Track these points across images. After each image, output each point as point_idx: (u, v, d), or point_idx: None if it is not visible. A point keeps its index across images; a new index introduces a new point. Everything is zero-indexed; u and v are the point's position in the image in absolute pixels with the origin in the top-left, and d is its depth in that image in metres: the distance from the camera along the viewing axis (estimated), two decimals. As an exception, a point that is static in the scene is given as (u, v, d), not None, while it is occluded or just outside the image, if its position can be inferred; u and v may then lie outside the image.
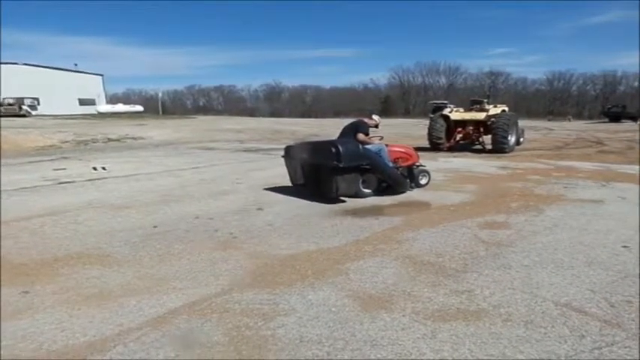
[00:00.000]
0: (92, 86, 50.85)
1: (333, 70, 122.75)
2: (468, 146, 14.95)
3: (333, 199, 6.45)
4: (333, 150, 6.22)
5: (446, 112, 15.06)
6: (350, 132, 7.28)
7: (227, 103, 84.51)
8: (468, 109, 15.15)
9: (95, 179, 9.00)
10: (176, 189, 7.84)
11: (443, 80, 76.46)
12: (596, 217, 5.44)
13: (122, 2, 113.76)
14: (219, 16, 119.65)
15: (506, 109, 15.07)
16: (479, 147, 14.67)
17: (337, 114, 61.63)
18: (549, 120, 46.43)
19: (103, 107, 45.71)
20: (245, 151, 16.01)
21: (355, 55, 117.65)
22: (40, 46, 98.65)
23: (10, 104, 36.82)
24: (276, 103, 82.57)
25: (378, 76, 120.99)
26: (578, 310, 2.92)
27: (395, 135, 23.05)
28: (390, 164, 7.09)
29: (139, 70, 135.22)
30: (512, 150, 13.94)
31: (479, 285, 3.36)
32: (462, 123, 14.66)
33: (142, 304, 3.09)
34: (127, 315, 2.94)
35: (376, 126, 7.68)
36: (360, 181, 6.68)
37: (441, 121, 14.69)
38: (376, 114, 8.16)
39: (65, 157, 13.79)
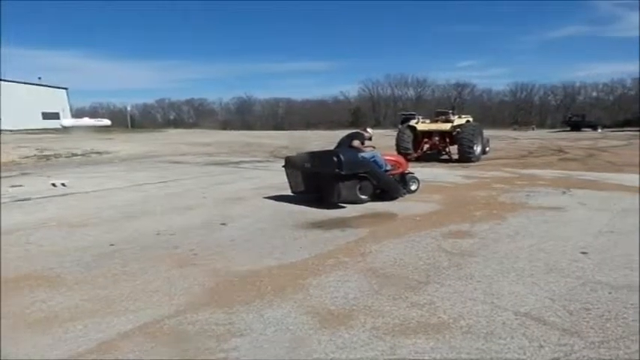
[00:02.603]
0: (56, 100, 49.31)
1: (304, 83, 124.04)
2: (435, 156, 15.17)
3: (333, 205, 6.77)
4: (335, 159, 6.62)
5: (412, 123, 15.26)
6: (347, 141, 7.76)
7: (198, 116, 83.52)
8: (433, 120, 15.41)
9: (54, 196, 8.64)
10: (139, 204, 7.60)
11: (411, 92, 77.93)
12: (557, 224, 5.53)
13: (89, 15, 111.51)
14: (189, 30, 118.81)
15: (471, 119, 15.40)
16: (446, 157, 14.89)
17: (308, 126, 61.83)
18: (514, 129, 47.79)
19: (68, 121, 44.31)
20: (214, 164, 15.76)
21: (326, 69, 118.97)
22: (3, 58, 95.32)
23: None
24: (248, 116, 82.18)
25: (348, 88, 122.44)
26: (537, 320, 2.91)
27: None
28: (388, 167, 7.61)
29: (107, 83, 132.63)
30: (478, 159, 14.20)
31: (440, 297, 3.33)
32: (429, 134, 14.89)
33: (88, 329, 2.91)
34: (72, 341, 2.76)
35: (370, 138, 8.25)
36: (358, 187, 6.97)
37: (408, 132, 14.88)
38: (370, 127, 9.03)
39: (25, 174, 13.25)
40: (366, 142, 7.96)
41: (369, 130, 8.38)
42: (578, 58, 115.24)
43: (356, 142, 7.55)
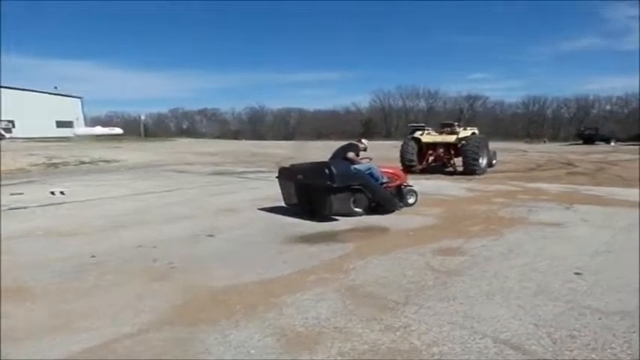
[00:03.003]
0: (71, 109, 50.14)
1: (316, 93, 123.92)
2: (439, 168, 14.92)
3: (326, 218, 6.61)
4: (327, 171, 6.45)
5: (417, 134, 15.05)
6: (341, 153, 7.60)
7: (210, 126, 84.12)
8: (439, 132, 15.19)
9: (51, 204, 8.62)
10: (133, 214, 7.52)
11: (423, 104, 77.52)
12: (555, 242, 5.29)
13: (105, 25, 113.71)
14: (203, 40, 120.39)
15: (477, 131, 15.15)
16: (451, 169, 14.64)
17: (319, 137, 61.85)
18: (526, 142, 47.15)
19: (81, 130, 44.97)
20: (218, 174, 15.72)
21: (338, 79, 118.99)
22: (22, 68, 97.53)
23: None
24: (260, 126, 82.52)
25: (360, 99, 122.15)
26: (517, 349, 2.70)
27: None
28: (384, 179, 7.43)
29: (123, 93, 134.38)
30: (483, 172, 13.92)
31: (417, 319, 3.13)
32: (433, 145, 14.67)
33: (41, 347, 2.79)
34: (21, 361, 2.63)
35: (365, 149, 8.12)
36: (352, 200, 6.82)
37: (413, 144, 14.68)
38: (365, 139, 8.76)
39: (30, 181, 13.34)
40: (362, 154, 7.78)
41: (363, 141, 8.23)
42: (592, 71, 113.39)
43: (350, 154, 7.36)
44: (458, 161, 14.32)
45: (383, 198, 7.15)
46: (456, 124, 15.17)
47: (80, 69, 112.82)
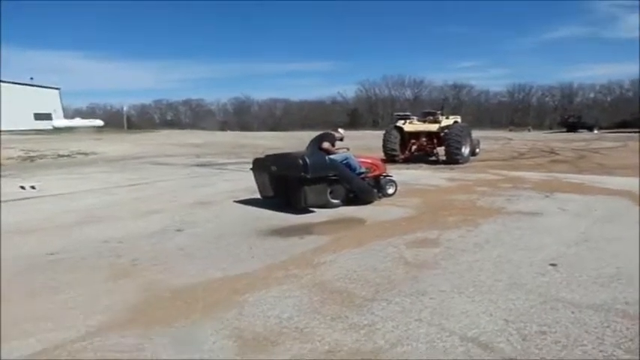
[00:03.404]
0: (49, 100, 48.88)
1: (302, 83, 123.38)
2: (423, 157, 14.82)
3: (303, 210, 6.42)
4: (301, 162, 6.23)
5: (400, 123, 14.90)
6: (316, 143, 7.33)
7: (195, 117, 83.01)
8: (422, 121, 15.05)
9: (17, 199, 8.29)
10: (102, 209, 7.26)
11: (409, 93, 77.54)
12: (531, 231, 5.19)
13: (86, 15, 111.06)
14: (187, 30, 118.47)
15: (459, 120, 15.04)
16: (434, 158, 14.54)
17: (305, 127, 61.46)
18: (510, 130, 47.40)
19: (60, 122, 43.95)
20: (198, 165, 15.43)
21: (324, 70, 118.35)
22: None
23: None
24: (246, 116, 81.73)
25: (345, 89, 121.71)
26: (484, 347, 2.56)
27: (353, 147, 22.91)
28: (362, 170, 7.18)
29: (104, 84, 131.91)
30: (466, 161, 13.86)
31: (384, 316, 2.98)
32: (416, 135, 14.54)
33: (-25, 357, 2.57)
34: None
35: (341, 139, 7.89)
36: (328, 191, 6.65)
37: (395, 133, 14.52)
38: (342, 128, 8.51)
39: (3, 176, 12.90)
40: (339, 144, 7.60)
41: (340, 130, 8.03)
42: (577, 60, 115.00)
43: (326, 144, 7.14)
44: (441, 150, 14.23)
45: (360, 189, 6.99)
46: (439, 112, 15.02)
47: (60, 60, 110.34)
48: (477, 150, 16.21)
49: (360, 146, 23.32)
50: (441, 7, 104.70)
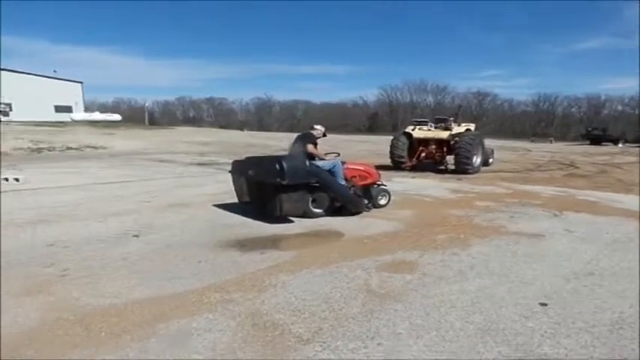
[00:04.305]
0: (71, 93, 49.41)
1: (324, 86, 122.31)
2: (431, 166, 14.07)
3: (281, 219, 5.88)
4: (277, 166, 5.57)
5: (409, 129, 14.18)
6: (298, 146, 6.58)
7: (217, 115, 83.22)
8: (433, 128, 14.30)
9: (-8, 192, 7.95)
10: (72, 206, 6.84)
11: (430, 99, 76.19)
12: (527, 258, 4.47)
13: (118, 13, 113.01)
14: (213, 29, 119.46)
15: (472, 127, 14.25)
16: (443, 167, 13.78)
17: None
18: (532, 141, 45.89)
19: (79, 115, 44.28)
20: (198, 164, 15.03)
21: (346, 73, 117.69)
22: (30, 52, 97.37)
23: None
24: (267, 116, 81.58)
25: (367, 93, 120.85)
26: (424, 423, 1.94)
27: (366, 152, 22.26)
28: (343, 182, 6.46)
29: (131, 80, 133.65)
30: (477, 171, 13.07)
31: (312, 367, 2.38)
32: (425, 141, 13.78)
33: None
34: None
35: (324, 135, 7.09)
36: (310, 200, 6.09)
37: (404, 139, 13.81)
38: (319, 124, 7.34)
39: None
40: (332, 148, 6.95)
41: (317, 127, 7.06)
42: (605, 71, 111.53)
43: (310, 147, 6.42)
44: (450, 159, 13.46)
45: (346, 198, 6.36)
46: (451, 119, 14.25)
47: (87, 54, 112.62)
48: (491, 160, 15.39)
49: (372, 151, 22.73)
50: (467, 13, 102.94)
